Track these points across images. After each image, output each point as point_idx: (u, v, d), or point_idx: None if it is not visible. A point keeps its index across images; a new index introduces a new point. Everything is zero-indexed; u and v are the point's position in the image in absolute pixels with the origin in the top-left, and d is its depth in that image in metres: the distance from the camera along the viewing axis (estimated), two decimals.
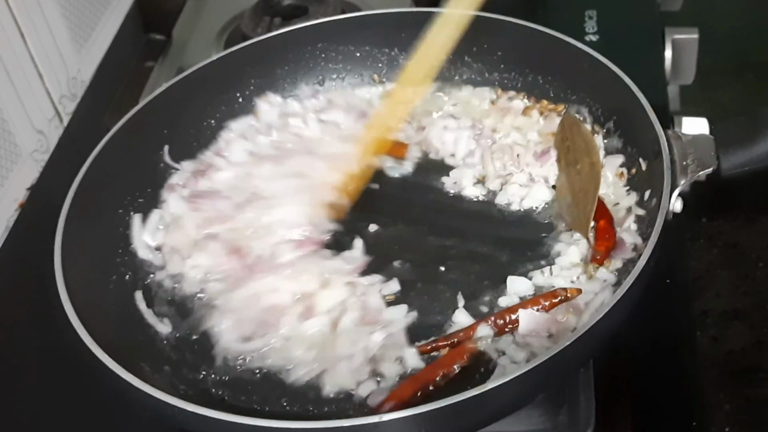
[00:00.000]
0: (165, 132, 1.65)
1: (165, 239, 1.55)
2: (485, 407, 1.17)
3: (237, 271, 1.47)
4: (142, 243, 1.54)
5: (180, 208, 1.58)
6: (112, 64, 2.09)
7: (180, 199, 1.59)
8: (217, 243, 1.51)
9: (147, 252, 1.54)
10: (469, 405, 1.12)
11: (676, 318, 1.51)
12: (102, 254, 1.49)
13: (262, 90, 1.75)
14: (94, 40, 2.05)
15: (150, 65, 2.10)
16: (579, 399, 1.32)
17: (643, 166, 1.46)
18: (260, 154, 1.66)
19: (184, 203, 1.58)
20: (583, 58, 1.57)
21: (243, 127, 1.72)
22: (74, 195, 1.45)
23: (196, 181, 1.62)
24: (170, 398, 1.18)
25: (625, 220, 1.44)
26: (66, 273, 1.34)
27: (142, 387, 1.20)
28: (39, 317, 1.54)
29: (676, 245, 1.60)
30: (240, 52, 1.73)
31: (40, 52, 1.86)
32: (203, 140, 1.70)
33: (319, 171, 1.57)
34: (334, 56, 1.77)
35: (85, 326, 1.26)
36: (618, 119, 1.55)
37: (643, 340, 1.45)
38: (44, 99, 1.89)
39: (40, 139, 1.87)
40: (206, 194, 1.59)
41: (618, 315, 1.21)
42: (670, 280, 1.52)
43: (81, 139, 1.91)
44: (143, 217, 1.57)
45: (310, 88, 1.78)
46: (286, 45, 1.76)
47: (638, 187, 1.47)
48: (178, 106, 1.66)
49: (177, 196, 1.60)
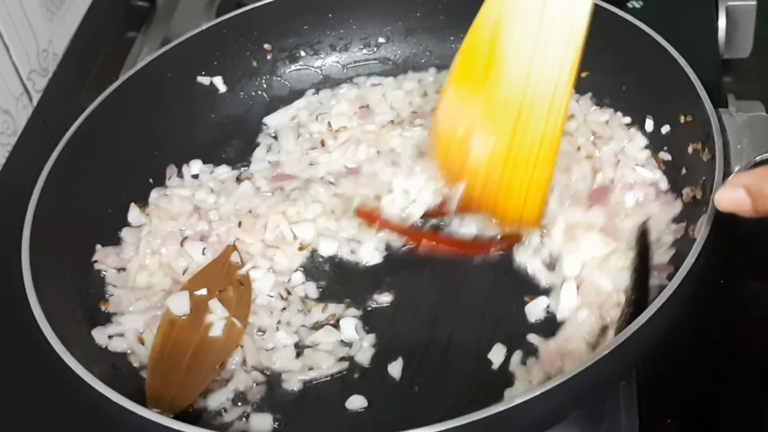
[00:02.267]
0: (148, 111, 1.65)
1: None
2: (512, 424, 1.17)
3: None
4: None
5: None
6: (88, 34, 2.09)
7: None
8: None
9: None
10: (494, 422, 1.12)
11: (730, 324, 1.50)
12: (75, 251, 1.50)
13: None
14: (67, 8, 2.05)
15: (131, 36, 2.11)
16: (620, 416, 1.32)
17: (691, 151, 1.46)
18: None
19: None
20: (625, 28, 1.57)
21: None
22: (44, 184, 1.46)
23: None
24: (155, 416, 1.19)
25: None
26: (35, 273, 1.35)
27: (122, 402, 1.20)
28: (6, 320, 1.55)
29: (730, 241, 1.59)
30: (233, 21, 1.73)
31: (6, 21, 1.86)
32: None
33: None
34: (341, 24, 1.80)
35: (55, 331, 1.28)
36: (664, 98, 1.54)
37: (693, 349, 1.44)
38: (11, 74, 1.89)
39: (5, 120, 1.87)
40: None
41: (663, 320, 1.21)
42: (723, 281, 1.52)
43: (53, 120, 1.91)
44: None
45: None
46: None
47: (688, 176, 1.47)
48: (163, 82, 1.67)
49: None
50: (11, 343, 1.55)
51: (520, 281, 1.45)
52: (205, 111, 1.74)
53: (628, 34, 1.56)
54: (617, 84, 1.62)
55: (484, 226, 1.48)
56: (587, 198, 1.50)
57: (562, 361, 1.32)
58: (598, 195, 1.51)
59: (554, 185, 1.49)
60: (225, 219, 1.56)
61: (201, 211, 1.58)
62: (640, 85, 1.59)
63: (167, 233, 1.54)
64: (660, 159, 1.54)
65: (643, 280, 1.37)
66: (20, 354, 1.51)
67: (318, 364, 1.38)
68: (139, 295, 1.48)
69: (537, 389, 1.13)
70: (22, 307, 1.31)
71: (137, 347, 1.42)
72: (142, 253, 1.52)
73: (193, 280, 1.45)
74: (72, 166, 1.51)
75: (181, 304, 1.41)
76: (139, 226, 1.57)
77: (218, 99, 1.75)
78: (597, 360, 1.15)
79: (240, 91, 1.77)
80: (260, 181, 1.63)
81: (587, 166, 1.55)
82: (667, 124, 1.53)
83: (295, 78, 1.79)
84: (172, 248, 1.52)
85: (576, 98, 1.65)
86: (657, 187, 1.50)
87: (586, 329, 1.36)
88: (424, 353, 1.39)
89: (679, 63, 1.47)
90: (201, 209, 1.58)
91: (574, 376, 1.14)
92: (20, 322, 1.32)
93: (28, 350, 1.36)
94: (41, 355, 1.28)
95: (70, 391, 1.26)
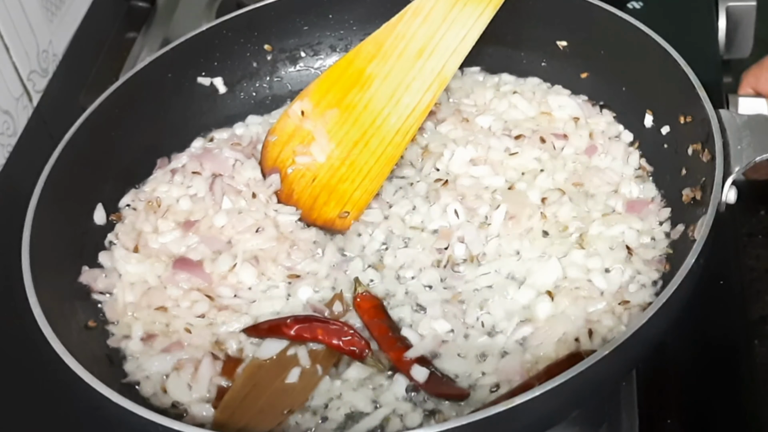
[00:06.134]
0: (149, 112, 1.65)
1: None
2: (512, 424, 1.17)
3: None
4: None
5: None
6: (88, 35, 2.09)
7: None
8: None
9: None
10: (494, 422, 1.12)
11: (730, 324, 1.51)
12: (75, 251, 1.50)
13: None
14: (67, 8, 2.06)
15: (131, 36, 2.11)
16: (620, 416, 1.32)
17: (690, 152, 1.46)
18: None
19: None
20: (625, 29, 1.57)
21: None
22: (45, 184, 1.46)
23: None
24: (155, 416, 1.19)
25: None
26: (35, 273, 1.35)
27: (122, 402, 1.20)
28: (6, 320, 1.55)
29: (730, 241, 1.59)
30: (233, 22, 1.73)
31: (6, 22, 1.86)
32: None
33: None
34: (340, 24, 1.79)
35: (55, 331, 1.28)
36: (664, 99, 1.54)
37: (693, 349, 1.44)
38: (11, 75, 1.89)
39: (6, 121, 1.87)
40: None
41: (663, 321, 1.21)
42: (723, 281, 1.52)
43: (53, 121, 1.91)
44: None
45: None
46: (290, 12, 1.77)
47: (687, 177, 1.47)
48: (163, 83, 1.67)
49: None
50: (11, 343, 1.55)
51: None
52: (206, 112, 1.74)
53: (628, 35, 1.56)
54: (617, 84, 1.62)
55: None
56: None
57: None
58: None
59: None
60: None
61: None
62: (640, 86, 1.59)
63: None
64: (647, 169, 1.55)
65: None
66: (20, 354, 1.52)
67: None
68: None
69: (537, 389, 1.13)
70: (22, 307, 1.30)
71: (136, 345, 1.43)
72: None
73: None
74: (72, 167, 1.50)
75: (270, 348, 1.41)
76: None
77: (218, 100, 1.75)
78: (597, 360, 1.15)
79: (240, 92, 1.76)
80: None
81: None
82: (667, 124, 1.53)
83: (296, 79, 1.79)
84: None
85: (576, 99, 1.65)
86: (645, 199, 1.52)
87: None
88: None
89: (679, 63, 1.46)
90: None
91: (574, 376, 1.13)
92: (20, 322, 1.32)
93: (28, 350, 1.36)
94: (41, 355, 1.27)
95: (70, 391, 1.26)
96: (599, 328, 1.34)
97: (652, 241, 1.45)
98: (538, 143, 1.59)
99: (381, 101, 1.60)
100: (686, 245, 1.35)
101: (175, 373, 1.38)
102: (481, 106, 1.69)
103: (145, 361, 1.41)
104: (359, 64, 1.62)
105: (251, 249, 1.51)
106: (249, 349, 1.41)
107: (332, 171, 1.60)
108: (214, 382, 1.37)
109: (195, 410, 1.35)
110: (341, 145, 1.61)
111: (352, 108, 1.62)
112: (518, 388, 1.29)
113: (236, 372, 1.38)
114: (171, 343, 1.42)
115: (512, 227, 1.49)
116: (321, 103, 1.63)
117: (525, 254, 1.46)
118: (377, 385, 1.35)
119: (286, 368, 1.37)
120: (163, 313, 1.45)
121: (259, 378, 1.37)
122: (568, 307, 1.38)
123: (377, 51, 1.61)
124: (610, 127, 1.62)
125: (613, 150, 1.58)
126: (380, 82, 1.61)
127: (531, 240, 1.47)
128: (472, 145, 1.59)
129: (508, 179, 1.56)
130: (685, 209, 1.44)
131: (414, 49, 1.59)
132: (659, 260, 1.42)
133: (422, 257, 1.49)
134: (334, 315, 1.43)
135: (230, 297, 1.47)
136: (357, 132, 1.61)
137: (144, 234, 1.54)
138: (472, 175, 1.58)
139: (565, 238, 1.47)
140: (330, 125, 1.62)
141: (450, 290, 1.44)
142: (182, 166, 1.64)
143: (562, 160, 1.58)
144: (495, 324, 1.39)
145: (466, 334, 1.39)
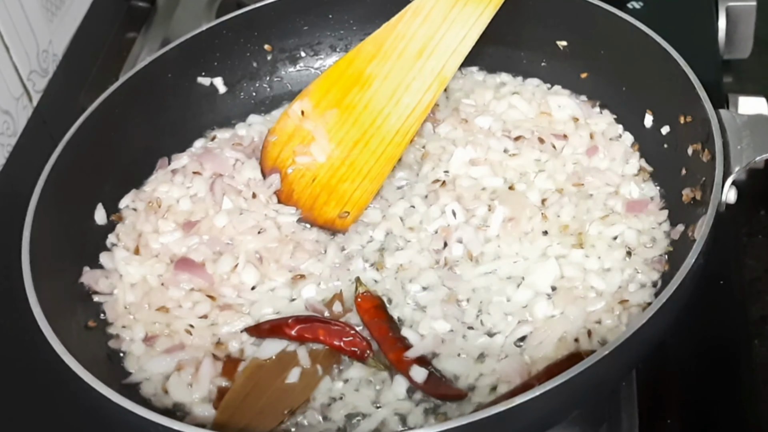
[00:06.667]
0: (149, 112, 1.65)
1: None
2: (512, 424, 1.17)
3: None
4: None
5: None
6: (88, 35, 2.09)
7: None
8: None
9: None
10: (494, 422, 1.12)
11: (730, 324, 1.51)
12: (75, 251, 1.50)
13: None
14: (67, 8, 2.06)
15: (131, 36, 2.11)
16: (620, 416, 1.32)
17: (690, 152, 1.46)
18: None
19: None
20: (625, 29, 1.57)
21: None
22: (45, 184, 1.46)
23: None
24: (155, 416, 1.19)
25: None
26: (35, 273, 1.35)
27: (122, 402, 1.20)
28: (6, 320, 1.56)
29: (730, 241, 1.59)
30: (233, 22, 1.73)
31: (6, 22, 1.86)
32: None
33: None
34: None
35: (55, 331, 1.28)
36: (664, 99, 1.54)
37: (693, 349, 1.44)
38: (11, 75, 1.89)
39: (6, 121, 1.87)
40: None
41: (663, 321, 1.21)
42: (723, 281, 1.52)
43: (53, 121, 1.91)
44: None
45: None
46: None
47: (687, 177, 1.47)
48: (163, 83, 1.67)
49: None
50: (11, 343, 1.55)
51: None
52: (205, 112, 1.74)
53: (628, 35, 1.56)
54: (617, 85, 1.62)
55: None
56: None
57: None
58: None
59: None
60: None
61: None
62: (640, 86, 1.59)
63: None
64: (647, 169, 1.55)
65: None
66: (20, 354, 1.52)
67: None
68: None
69: (537, 389, 1.13)
70: (22, 307, 1.30)
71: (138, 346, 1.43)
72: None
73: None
74: (72, 167, 1.50)
75: (270, 348, 1.41)
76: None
77: (218, 100, 1.75)
78: (597, 360, 1.15)
79: (240, 92, 1.77)
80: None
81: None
82: (667, 124, 1.53)
83: (296, 79, 1.79)
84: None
85: (576, 99, 1.65)
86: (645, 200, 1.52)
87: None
88: None
89: (679, 63, 1.47)
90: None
91: (574, 376, 1.13)
92: (20, 322, 1.32)
93: (28, 350, 1.36)
94: (41, 355, 1.28)
95: (70, 391, 1.26)
96: (599, 329, 1.34)
97: (652, 241, 1.45)
98: (538, 144, 1.59)
99: (381, 101, 1.60)
100: (686, 245, 1.35)
101: (176, 374, 1.38)
102: (481, 106, 1.69)
103: (146, 362, 1.41)
104: (359, 64, 1.62)
105: (254, 250, 1.51)
106: (249, 350, 1.41)
107: (332, 171, 1.61)
108: (215, 383, 1.37)
109: (196, 410, 1.35)
110: (341, 145, 1.61)
111: (352, 108, 1.62)
112: (518, 388, 1.29)
113: (237, 372, 1.38)
114: (172, 345, 1.42)
115: (512, 229, 1.49)
116: (321, 103, 1.64)
117: (524, 254, 1.46)
118: (378, 384, 1.35)
119: (286, 368, 1.37)
120: (164, 313, 1.45)
121: (259, 378, 1.37)
122: (568, 307, 1.38)
123: (377, 51, 1.62)
124: (610, 127, 1.62)
125: (613, 150, 1.58)
126: (380, 82, 1.61)
127: (530, 240, 1.47)
128: (471, 146, 1.59)
129: (508, 180, 1.56)
130: (685, 209, 1.44)
131: (414, 49, 1.60)
132: (659, 260, 1.42)
133: (421, 258, 1.49)
134: (334, 315, 1.43)
135: (232, 297, 1.47)
136: (357, 132, 1.61)
137: (145, 234, 1.54)
138: (472, 175, 1.57)
139: (564, 238, 1.47)
140: (330, 125, 1.62)
141: (449, 290, 1.45)
142: (183, 167, 1.63)
143: (562, 161, 1.57)
144: (494, 324, 1.39)
145: (465, 334, 1.39)
